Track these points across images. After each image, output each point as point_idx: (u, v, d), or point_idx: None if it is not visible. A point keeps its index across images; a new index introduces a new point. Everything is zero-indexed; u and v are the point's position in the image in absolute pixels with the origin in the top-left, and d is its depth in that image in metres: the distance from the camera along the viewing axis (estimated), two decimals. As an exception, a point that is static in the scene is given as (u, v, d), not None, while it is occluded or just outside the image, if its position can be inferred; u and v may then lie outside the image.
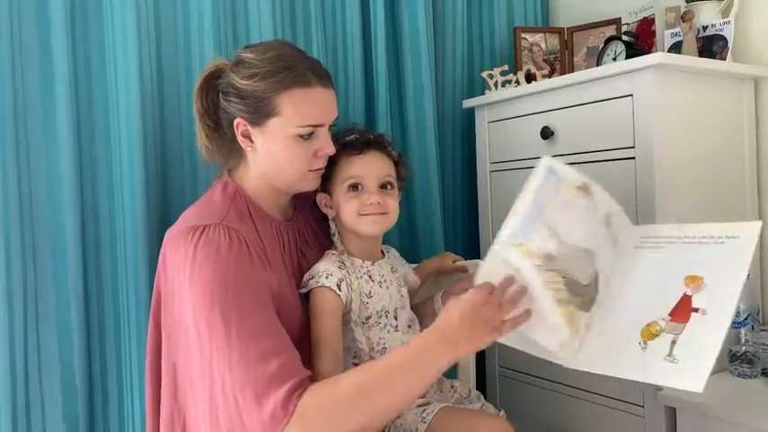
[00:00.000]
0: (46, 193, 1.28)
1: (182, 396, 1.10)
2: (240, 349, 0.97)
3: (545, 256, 1.00)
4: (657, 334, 0.98)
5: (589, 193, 1.08)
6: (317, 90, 1.13)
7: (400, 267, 1.30)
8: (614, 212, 1.12)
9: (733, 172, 1.49)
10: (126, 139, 1.33)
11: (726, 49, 1.49)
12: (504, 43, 1.98)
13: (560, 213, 1.04)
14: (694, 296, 0.98)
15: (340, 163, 1.20)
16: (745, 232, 1.00)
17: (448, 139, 1.91)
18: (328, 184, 1.22)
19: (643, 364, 0.97)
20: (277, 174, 1.16)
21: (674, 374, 0.93)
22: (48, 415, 1.27)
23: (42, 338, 1.27)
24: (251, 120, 1.13)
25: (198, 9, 1.43)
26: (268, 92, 1.11)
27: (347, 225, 1.21)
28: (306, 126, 1.12)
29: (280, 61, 1.12)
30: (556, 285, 1.00)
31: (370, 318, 1.18)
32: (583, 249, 1.05)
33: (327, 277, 1.15)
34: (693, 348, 0.94)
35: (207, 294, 1.01)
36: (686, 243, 1.06)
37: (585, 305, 1.04)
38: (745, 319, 1.35)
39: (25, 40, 1.26)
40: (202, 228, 1.07)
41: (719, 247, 1.01)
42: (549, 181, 1.06)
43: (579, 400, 1.51)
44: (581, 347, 1.03)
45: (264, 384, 0.95)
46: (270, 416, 0.94)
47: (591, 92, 1.45)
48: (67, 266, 1.28)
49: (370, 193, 1.19)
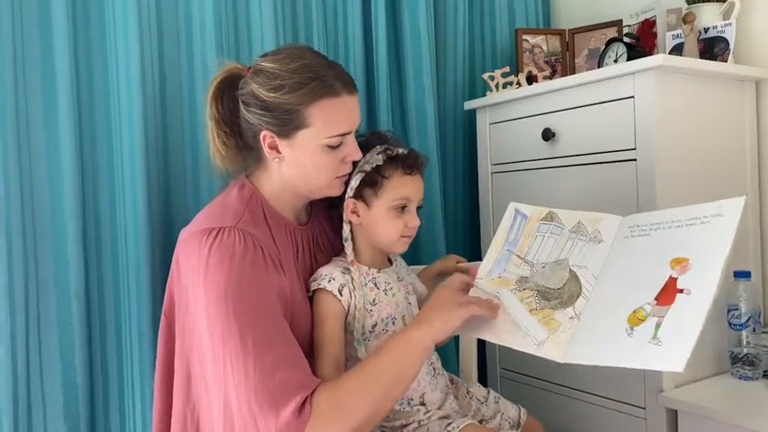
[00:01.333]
0: (47, 193, 1.28)
1: (195, 396, 1.09)
2: (255, 357, 0.98)
3: (518, 280, 1.15)
4: (644, 319, 0.98)
5: (554, 218, 1.20)
6: (345, 99, 1.12)
7: (407, 276, 1.30)
8: (587, 218, 1.17)
9: (734, 174, 1.49)
10: (127, 140, 1.34)
11: (727, 50, 1.49)
12: (505, 45, 1.98)
13: (528, 243, 1.19)
14: (680, 278, 0.99)
15: (392, 180, 1.17)
16: (728, 209, 1.00)
17: (449, 140, 1.91)
18: (368, 193, 1.18)
19: (629, 351, 0.97)
20: (303, 182, 1.15)
21: (656, 357, 0.94)
22: (49, 415, 1.27)
23: (44, 339, 1.27)
24: (279, 132, 1.11)
25: (199, 9, 1.44)
26: (297, 104, 1.08)
27: (381, 242, 1.20)
28: (335, 136, 1.11)
29: (306, 72, 1.09)
30: (528, 299, 1.12)
31: (377, 326, 1.17)
32: (552, 261, 1.15)
33: (330, 281, 1.15)
34: (676, 329, 0.94)
35: (221, 300, 1.01)
36: (672, 227, 1.07)
37: (564, 303, 1.09)
38: (747, 321, 1.35)
39: (27, 40, 1.26)
40: (217, 230, 1.06)
41: (704, 227, 1.02)
42: (517, 220, 1.23)
43: (580, 401, 1.51)
44: (571, 341, 1.04)
45: (280, 392, 0.96)
46: (286, 423, 0.95)
47: (592, 94, 1.45)
48: (69, 267, 1.28)
49: (413, 216, 1.20)
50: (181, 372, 1.12)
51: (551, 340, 1.06)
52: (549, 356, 1.05)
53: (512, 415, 1.29)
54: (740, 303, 1.36)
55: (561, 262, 1.14)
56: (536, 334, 1.07)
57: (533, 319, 1.09)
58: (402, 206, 1.18)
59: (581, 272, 1.12)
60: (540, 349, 1.06)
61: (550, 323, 1.08)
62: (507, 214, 1.25)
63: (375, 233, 1.19)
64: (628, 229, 1.13)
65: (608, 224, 1.15)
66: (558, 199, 1.50)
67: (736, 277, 1.37)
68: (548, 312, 1.09)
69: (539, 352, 1.06)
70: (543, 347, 1.06)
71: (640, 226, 1.12)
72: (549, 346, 1.06)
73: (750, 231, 1.51)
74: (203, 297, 1.03)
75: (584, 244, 1.15)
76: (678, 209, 1.10)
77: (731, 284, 1.38)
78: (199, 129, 1.39)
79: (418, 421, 1.15)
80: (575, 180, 1.50)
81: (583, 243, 1.15)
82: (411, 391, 1.16)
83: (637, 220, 1.14)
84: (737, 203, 1.00)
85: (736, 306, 1.36)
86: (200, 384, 1.08)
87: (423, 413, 1.16)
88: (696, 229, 1.03)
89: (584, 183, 1.48)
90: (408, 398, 1.16)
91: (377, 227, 1.19)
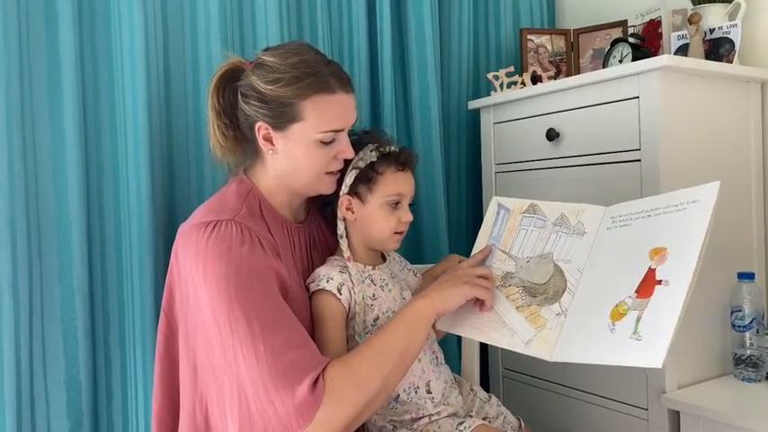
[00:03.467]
0: (52, 190, 1.28)
1: (203, 386, 1.10)
2: (264, 340, 1.00)
3: (504, 276, 1.16)
4: (625, 313, 0.97)
5: (536, 210, 1.20)
6: (340, 96, 1.14)
7: (400, 272, 1.30)
8: (569, 210, 1.17)
9: (739, 175, 1.49)
10: (132, 137, 1.34)
11: (732, 51, 1.49)
12: (509, 45, 1.98)
13: (511, 238, 1.20)
14: (658, 268, 0.97)
15: (385, 175, 1.19)
16: (703, 195, 0.99)
17: (453, 140, 1.91)
18: (362, 189, 1.19)
19: (611, 347, 0.95)
20: (295, 175, 1.17)
21: (636, 352, 0.91)
22: (52, 411, 1.28)
23: (47, 335, 1.28)
24: (273, 124, 1.13)
25: (205, 6, 1.44)
26: (292, 98, 1.11)
27: (374, 238, 1.21)
28: (328, 132, 1.13)
29: (304, 67, 1.12)
30: (514, 296, 1.13)
31: (378, 319, 1.18)
32: (537, 256, 1.15)
33: (328, 281, 1.15)
34: (654, 323, 0.91)
35: (223, 290, 1.02)
36: (651, 216, 1.05)
37: (550, 299, 1.09)
38: (750, 322, 1.35)
39: (33, 37, 1.27)
40: (214, 223, 1.08)
41: (680, 214, 1.00)
42: (500, 215, 1.24)
43: (582, 402, 1.51)
44: (559, 339, 1.03)
45: (293, 371, 0.98)
46: (302, 400, 0.97)
47: (597, 94, 1.45)
48: (73, 264, 1.29)
49: (405, 212, 1.21)
50: (186, 364, 1.12)
51: (539, 338, 1.05)
52: (538, 355, 1.04)
53: (512, 421, 1.29)
54: (744, 305, 1.35)
55: (545, 256, 1.14)
56: (523, 332, 1.07)
57: (520, 317, 1.10)
58: (395, 202, 1.20)
59: (566, 266, 1.11)
60: (528, 348, 1.05)
61: (537, 320, 1.08)
62: (491, 209, 1.25)
63: (369, 229, 1.21)
64: (610, 219, 1.12)
65: (591, 215, 1.14)
66: (561, 199, 1.49)
67: (739, 279, 1.37)
68: (534, 309, 1.09)
69: (527, 351, 1.06)
70: (531, 346, 1.05)
71: (622, 216, 1.10)
72: (537, 344, 1.05)
73: (754, 233, 1.51)
74: (204, 288, 1.04)
75: (567, 237, 1.14)
76: (657, 197, 1.08)
77: (735, 286, 1.38)
78: (203, 125, 1.39)
79: (428, 416, 1.16)
80: (579, 180, 1.50)
81: (566, 236, 1.15)
82: (416, 378, 1.17)
83: (619, 210, 1.12)
84: (712, 188, 0.98)
85: (740, 308, 1.36)
86: (207, 374, 1.08)
87: (431, 405, 1.16)
88: (673, 217, 1.01)
89: (589, 183, 1.48)
90: (415, 386, 1.17)
91: (371, 222, 1.20)
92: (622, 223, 1.09)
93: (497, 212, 1.24)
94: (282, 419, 0.98)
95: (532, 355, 1.05)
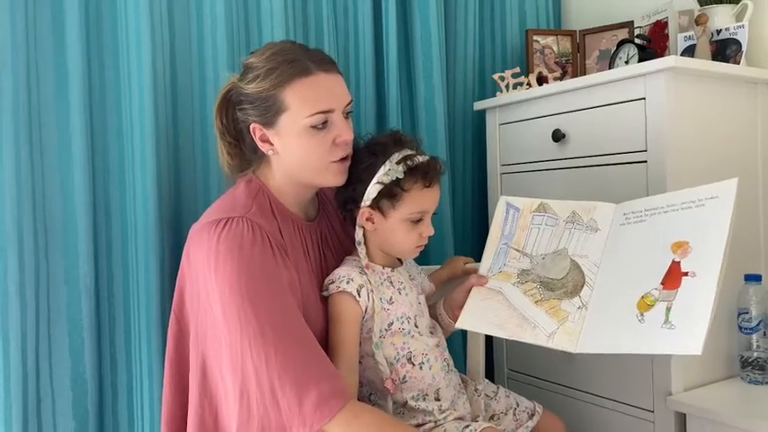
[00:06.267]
0: (59, 191, 1.29)
1: (213, 386, 1.10)
2: (276, 341, 1.00)
3: (519, 273, 1.17)
4: (652, 304, 1.00)
5: (546, 209, 1.21)
6: (319, 76, 1.12)
7: (417, 276, 1.30)
8: (580, 208, 1.19)
9: (746, 176, 1.48)
10: (138, 139, 1.34)
11: (739, 52, 1.48)
12: (515, 45, 1.98)
13: (524, 236, 1.21)
14: (682, 261, 1.00)
15: (411, 192, 1.14)
16: (723, 191, 1.02)
17: (459, 140, 1.91)
18: (385, 205, 1.16)
19: (643, 337, 0.98)
20: (299, 169, 1.16)
21: (672, 340, 0.95)
22: (58, 410, 1.28)
23: (54, 335, 1.28)
24: (264, 122, 1.13)
25: (211, 9, 1.44)
26: (271, 89, 1.10)
27: (394, 250, 1.20)
28: (315, 114, 1.11)
29: (278, 57, 1.12)
30: (532, 292, 1.14)
31: (393, 324, 1.17)
32: (552, 252, 1.16)
33: (348, 282, 1.14)
34: (687, 311, 0.95)
35: (235, 289, 1.02)
36: (668, 211, 1.08)
37: (569, 293, 1.11)
38: (757, 324, 1.34)
39: (40, 40, 1.27)
40: (225, 220, 1.07)
41: (700, 210, 1.03)
42: (510, 214, 1.25)
43: (588, 403, 1.50)
44: (582, 331, 1.04)
45: (305, 376, 0.99)
46: (313, 406, 0.97)
47: (603, 95, 1.45)
48: (79, 264, 1.29)
49: (427, 226, 1.19)
50: (195, 364, 1.12)
51: (562, 330, 1.06)
52: (562, 347, 1.05)
53: (528, 406, 1.28)
54: (750, 307, 1.35)
55: (561, 252, 1.16)
56: (545, 325, 1.08)
57: (540, 311, 1.11)
58: (420, 219, 1.18)
59: (582, 261, 1.13)
60: (552, 340, 1.07)
61: (558, 313, 1.09)
62: (499, 208, 1.26)
63: (389, 242, 1.19)
64: (623, 215, 1.14)
65: (603, 212, 1.16)
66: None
67: (746, 281, 1.37)
68: (554, 303, 1.10)
69: (550, 343, 1.07)
70: (554, 338, 1.07)
71: (635, 212, 1.12)
72: (561, 336, 1.06)
73: (761, 235, 1.50)
74: (216, 286, 1.04)
75: (580, 233, 1.16)
76: (671, 193, 1.11)
77: (741, 288, 1.37)
78: (209, 127, 1.40)
79: (435, 421, 1.15)
80: (585, 181, 1.50)
81: (579, 232, 1.16)
82: (426, 386, 1.17)
83: (631, 206, 1.14)
84: (731, 185, 1.01)
85: (747, 310, 1.35)
86: (216, 375, 1.08)
87: (438, 411, 1.16)
88: (692, 213, 1.04)
89: (595, 184, 1.47)
90: (424, 393, 1.16)
91: (392, 236, 1.18)
92: (637, 219, 1.11)
93: (507, 211, 1.25)
94: (284, 424, 0.98)
95: (556, 347, 1.06)
